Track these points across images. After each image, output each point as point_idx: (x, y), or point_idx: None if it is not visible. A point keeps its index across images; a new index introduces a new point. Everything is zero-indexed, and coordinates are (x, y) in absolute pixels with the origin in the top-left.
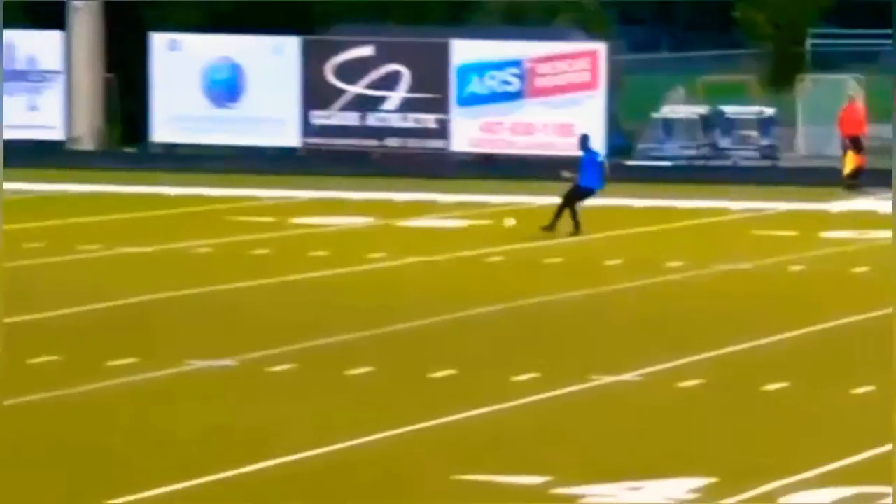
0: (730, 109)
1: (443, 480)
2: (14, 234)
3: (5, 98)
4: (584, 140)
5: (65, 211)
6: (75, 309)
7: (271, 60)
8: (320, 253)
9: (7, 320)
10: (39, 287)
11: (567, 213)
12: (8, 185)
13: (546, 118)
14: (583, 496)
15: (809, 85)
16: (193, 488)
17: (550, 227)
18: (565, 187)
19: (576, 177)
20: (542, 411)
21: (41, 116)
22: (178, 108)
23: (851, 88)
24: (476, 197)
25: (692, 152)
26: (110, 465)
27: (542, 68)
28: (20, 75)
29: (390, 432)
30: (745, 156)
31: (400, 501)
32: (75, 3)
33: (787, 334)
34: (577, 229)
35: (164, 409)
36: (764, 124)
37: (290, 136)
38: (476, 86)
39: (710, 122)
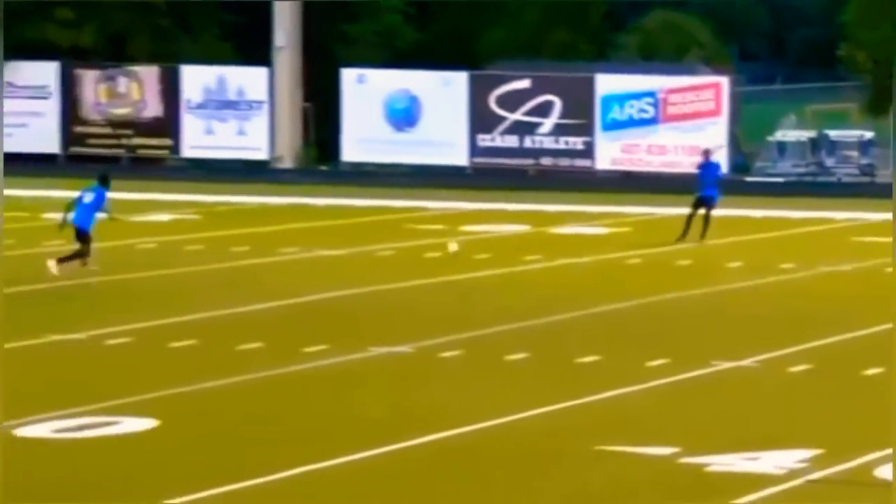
0: (834, 133)
1: (586, 450)
2: (224, 239)
3: (219, 124)
4: (707, 154)
5: (267, 220)
6: (276, 303)
7: (443, 92)
8: (483, 256)
9: (217, 313)
10: (245, 284)
11: (698, 219)
12: (218, 198)
13: (676, 141)
14: (706, 465)
15: None
16: (376, 457)
17: (682, 236)
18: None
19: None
20: (671, 392)
21: (249, 140)
22: (364, 133)
23: None
24: (616, 208)
25: (801, 170)
26: (305, 437)
27: (674, 98)
28: (231, 105)
29: (543, 409)
30: (847, 173)
31: (550, 467)
32: (279, 43)
33: (883, 326)
34: (703, 234)
35: (351, 389)
36: (863, 146)
37: (459, 156)
38: (617, 113)
39: (817, 145)
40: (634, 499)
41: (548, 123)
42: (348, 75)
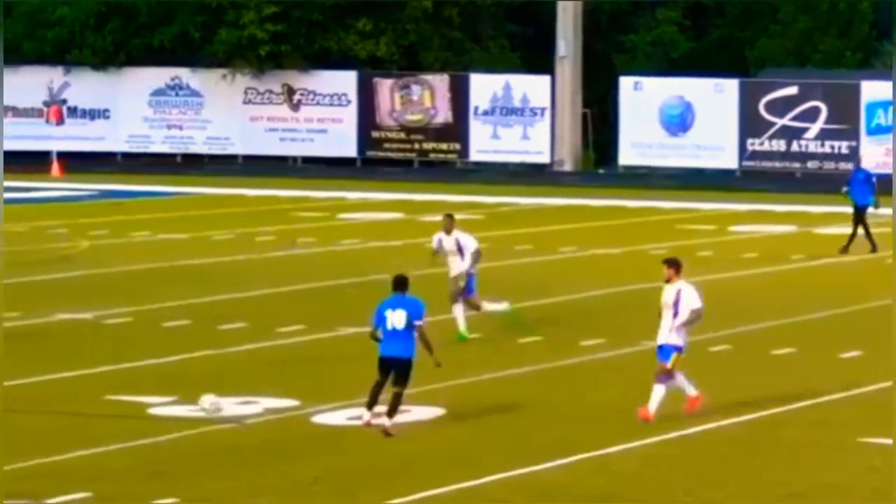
0: None
1: (850, 441)
2: (507, 238)
3: (504, 129)
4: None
5: (548, 220)
6: (556, 299)
7: (715, 98)
8: (751, 254)
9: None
10: (526, 282)
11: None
12: (502, 199)
13: None
14: None
15: None
16: (652, 445)
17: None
18: None
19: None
20: None
21: (531, 144)
22: (639, 137)
23: None
24: (880, 210)
25: None
26: (585, 425)
27: None
28: (516, 111)
29: (808, 402)
30: None
31: (813, 457)
32: (561, 53)
33: None
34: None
35: (625, 381)
36: None
37: (729, 159)
38: (881, 118)
39: None
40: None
41: (814, 128)
42: (625, 83)
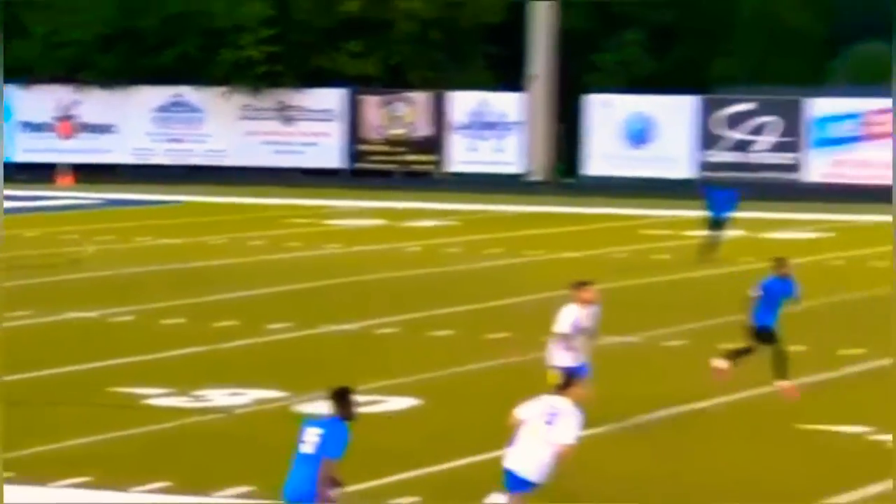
0: None
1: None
2: (480, 242)
3: (480, 143)
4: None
5: (518, 226)
6: (523, 298)
7: (674, 113)
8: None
9: (471, 307)
10: (496, 282)
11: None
12: (477, 207)
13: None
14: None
15: None
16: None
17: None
18: None
19: None
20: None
21: (505, 156)
22: (604, 149)
23: None
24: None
25: None
26: None
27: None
28: (491, 126)
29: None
30: None
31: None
32: (533, 72)
33: None
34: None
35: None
36: None
37: (684, 169)
38: (829, 132)
39: None
40: None
41: (763, 141)
42: (594, 100)
